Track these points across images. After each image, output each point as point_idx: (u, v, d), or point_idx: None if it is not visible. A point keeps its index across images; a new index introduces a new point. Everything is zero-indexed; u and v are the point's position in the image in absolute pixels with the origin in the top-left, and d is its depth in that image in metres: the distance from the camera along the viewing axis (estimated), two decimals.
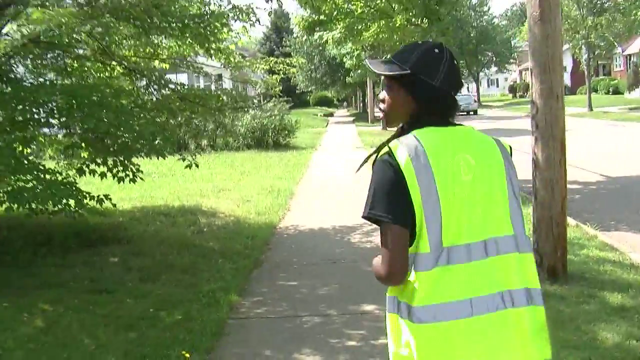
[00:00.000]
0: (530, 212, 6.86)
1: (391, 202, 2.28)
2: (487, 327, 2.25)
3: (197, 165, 8.76)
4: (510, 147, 2.50)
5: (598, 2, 38.19)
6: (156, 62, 10.14)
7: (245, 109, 10.49)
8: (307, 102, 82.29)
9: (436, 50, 2.39)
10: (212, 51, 9.60)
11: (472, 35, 67.60)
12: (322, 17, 14.41)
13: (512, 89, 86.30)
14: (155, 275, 7.17)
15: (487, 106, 67.78)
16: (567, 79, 75.82)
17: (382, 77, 2.51)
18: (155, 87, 9.55)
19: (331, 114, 68.02)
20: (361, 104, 69.51)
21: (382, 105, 2.49)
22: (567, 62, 75.72)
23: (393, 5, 13.10)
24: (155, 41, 9.74)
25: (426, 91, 2.37)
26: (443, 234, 2.27)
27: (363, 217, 2.33)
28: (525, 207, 9.23)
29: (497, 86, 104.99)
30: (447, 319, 2.22)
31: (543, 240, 6.48)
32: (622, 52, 57.04)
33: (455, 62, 2.42)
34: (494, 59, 72.59)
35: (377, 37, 14.02)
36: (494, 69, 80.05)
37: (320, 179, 15.43)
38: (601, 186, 13.03)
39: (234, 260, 7.74)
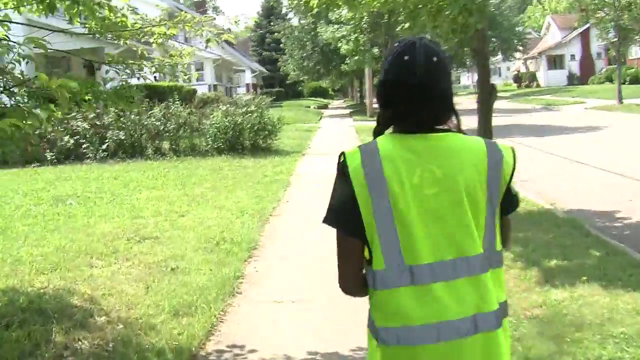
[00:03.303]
0: None
1: (342, 211, 2.19)
2: (454, 353, 2.13)
3: None
4: (514, 151, 2.31)
5: None
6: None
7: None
8: (300, 93, 77.69)
9: (395, 44, 2.29)
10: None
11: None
12: None
13: (517, 79, 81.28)
14: None
15: None
16: (576, 68, 71.60)
17: None
18: None
19: (325, 106, 62.47)
20: (358, 95, 63.82)
21: None
22: (576, 50, 71.49)
23: None
24: None
25: (377, 88, 2.32)
26: (403, 251, 2.14)
27: (322, 222, 2.24)
28: None
29: (500, 75, 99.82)
30: (411, 343, 2.12)
31: None
32: None
33: (406, 57, 2.18)
34: (500, 46, 67.21)
35: (386, 1, 8.99)
36: (499, 57, 74.98)
37: (302, 215, 10.28)
38: None
39: None
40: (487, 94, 9.34)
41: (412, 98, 2.18)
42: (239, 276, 6.85)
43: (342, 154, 2.22)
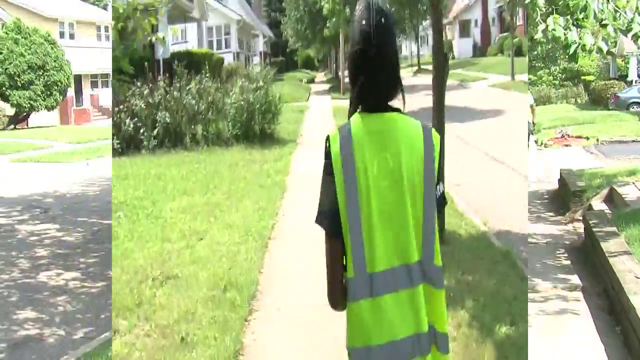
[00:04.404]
0: None
1: (327, 205, 1.46)
2: None
3: None
4: (441, 140, 1.62)
5: None
6: None
7: None
8: (296, 64, 59.29)
9: (357, 7, 1.49)
10: None
11: None
12: None
13: None
14: None
15: (427, 71, 39.06)
16: (478, 36, 48.17)
17: None
18: None
19: (312, 80, 44.31)
20: (334, 67, 41.52)
21: None
22: (477, 14, 46.52)
23: None
24: None
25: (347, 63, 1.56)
26: (366, 256, 1.39)
27: (315, 222, 1.51)
28: None
29: (428, 44, 55.71)
30: None
31: None
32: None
33: (363, 22, 1.44)
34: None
35: None
36: (428, 21, 37.21)
37: (297, 238, 8.31)
38: None
39: None
40: (440, 63, 6.34)
41: (370, 69, 1.48)
42: (238, 351, 5.07)
43: (328, 138, 1.53)
